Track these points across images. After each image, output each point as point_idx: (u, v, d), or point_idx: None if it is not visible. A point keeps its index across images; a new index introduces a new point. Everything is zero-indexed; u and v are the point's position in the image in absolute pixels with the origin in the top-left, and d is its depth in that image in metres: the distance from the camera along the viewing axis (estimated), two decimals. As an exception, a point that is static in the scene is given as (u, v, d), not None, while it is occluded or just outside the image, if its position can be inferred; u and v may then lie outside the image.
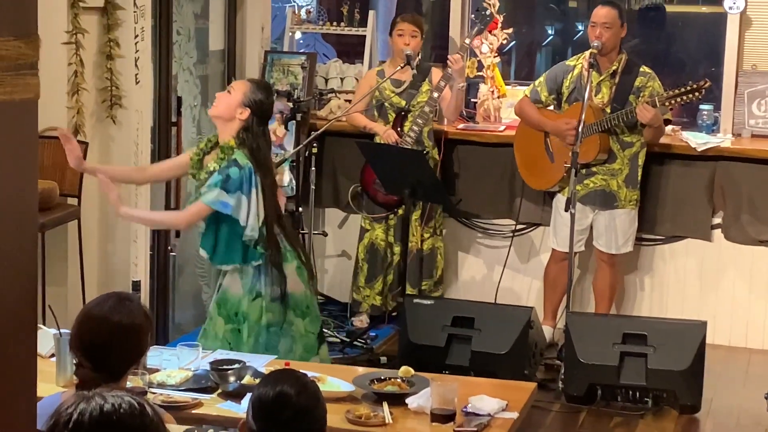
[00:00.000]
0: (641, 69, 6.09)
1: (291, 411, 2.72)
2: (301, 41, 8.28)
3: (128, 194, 5.79)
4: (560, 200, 6.21)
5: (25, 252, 1.98)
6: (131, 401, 1.99)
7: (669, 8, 9.75)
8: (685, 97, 5.87)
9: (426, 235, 6.54)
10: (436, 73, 6.45)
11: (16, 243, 1.94)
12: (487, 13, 6.46)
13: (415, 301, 5.76)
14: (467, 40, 6.50)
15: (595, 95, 6.03)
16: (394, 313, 6.50)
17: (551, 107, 6.29)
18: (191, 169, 4.76)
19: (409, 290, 6.43)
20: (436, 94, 6.32)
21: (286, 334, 4.69)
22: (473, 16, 6.61)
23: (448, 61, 6.27)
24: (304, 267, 4.77)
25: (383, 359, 6.03)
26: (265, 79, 6.41)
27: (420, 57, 6.53)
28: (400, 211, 6.38)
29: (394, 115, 6.44)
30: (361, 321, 6.64)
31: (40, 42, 1.79)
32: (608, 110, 6.02)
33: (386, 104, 6.46)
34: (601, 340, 5.37)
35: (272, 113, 4.93)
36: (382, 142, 6.40)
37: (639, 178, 6.18)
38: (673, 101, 5.91)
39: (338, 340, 6.36)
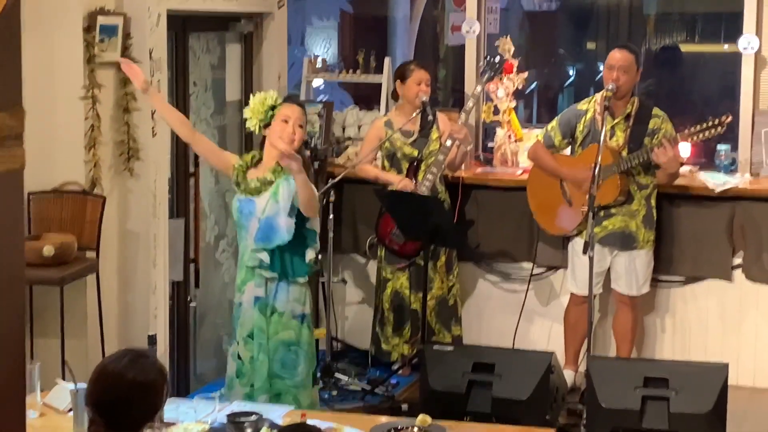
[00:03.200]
0: (653, 111, 6.09)
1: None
2: (321, 88, 8.32)
3: (148, 244, 5.82)
4: (578, 243, 6.19)
5: (13, 318, 1.97)
6: None
7: (684, 48, 9.77)
8: (707, 132, 5.86)
9: (452, 280, 6.54)
10: (442, 120, 6.46)
11: (3, 310, 1.93)
12: (497, 59, 6.44)
13: (435, 347, 5.73)
14: (478, 89, 6.49)
15: (610, 139, 6.02)
16: (412, 361, 6.50)
17: (565, 152, 6.28)
18: (236, 177, 4.90)
19: (446, 337, 6.42)
20: (449, 143, 6.30)
21: (303, 354, 4.87)
22: (482, 63, 6.59)
23: (451, 133, 6.27)
24: None
25: (404, 407, 6.00)
26: (295, 93, 6.44)
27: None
28: (419, 261, 6.36)
29: (407, 164, 6.43)
30: (404, 371, 6.58)
31: (24, 113, 1.80)
32: (624, 153, 6.01)
33: (398, 154, 6.46)
34: (623, 384, 5.33)
35: None
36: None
37: (655, 218, 6.16)
38: (695, 137, 5.90)
39: (359, 389, 6.34)
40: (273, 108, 4.84)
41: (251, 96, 4.94)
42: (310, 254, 4.86)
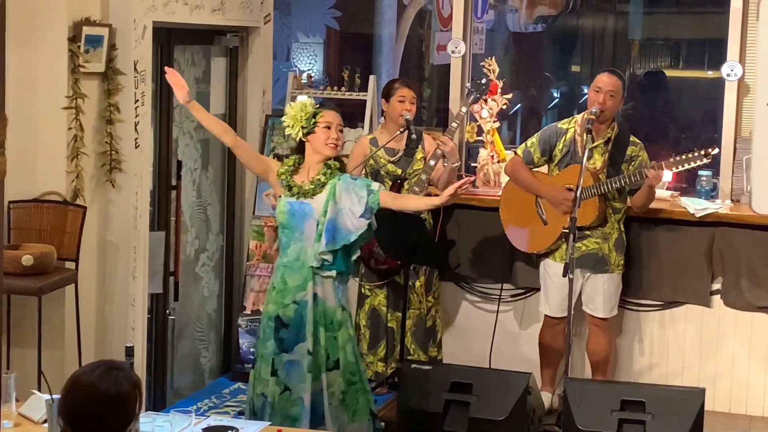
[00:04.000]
0: (631, 139, 6.12)
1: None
2: (304, 104, 8.31)
3: (128, 256, 5.80)
4: (549, 265, 6.20)
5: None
6: None
7: (670, 73, 9.82)
8: (692, 163, 5.89)
9: (431, 301, 6.54)
10: (428, 141, 6.46)
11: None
12: (483, 81, 6.45)
13: (414, 366, 5.74)
14: (463, 109, 6.49)
15: (587, 161, 6.03)
16: (390, 379, 6.49)
17: (542, 169, 6.29)
18: (284, 182, 5.12)
19: (421, 357, 6.42)
20: (432, 162, 6.30)
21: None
22: (469, 85, 6.61)
23: (438, 143, 6.28)
24: None
25: (381, 425, 5.98)
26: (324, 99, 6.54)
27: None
28: (399, 279, 6.36)
29: (390, 183, 6.44)
30: (382, 389, 6.58)
31: (7, 122, 1.79)
32: (602, 176, 6.03)
33: (382, 172, 6.46)
34: (600, 406, 5.34)
35: None
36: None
37: (625, 242, 6.18)
38: (680, 166, 5.92)
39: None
40: (315, 115, 5.11)
41: (289, 105, 5.20)
42: (356, 249, 5.14)
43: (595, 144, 6.05)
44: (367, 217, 5.04)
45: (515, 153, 6.34)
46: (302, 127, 5.11)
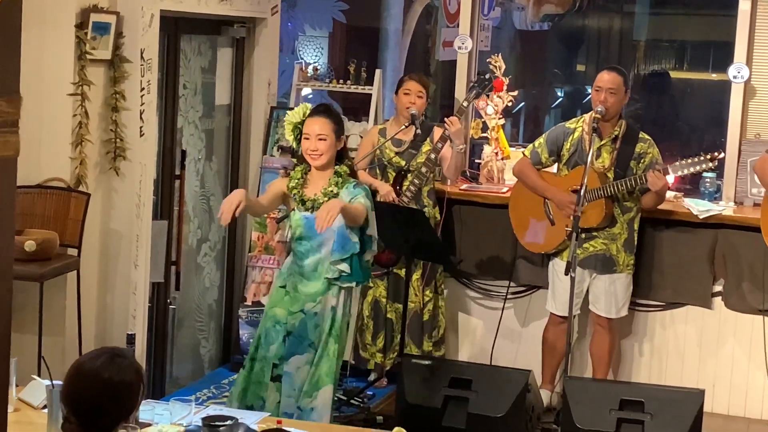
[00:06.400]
0: (640, 135, 6.11)
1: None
2: (309, 97, 8.32)
3: (130, 244, 5.80)
4: (557, 264, 6.21)
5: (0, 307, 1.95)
6: None
7: (674, 74, 9.82)
8: (698, 167, 5.87)
9: (429, 295, 6.54)
10: (438, 133, 6.46)
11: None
12: (487, 77, 6.46)
13: (413, 361, 5.73)
14: (465, 104, 6.50)
15: (596, 160, 6.04)
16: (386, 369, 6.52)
17: (550, 168, 6.29)
18: (297, 197, 5.05)
19: (413, 350, 6.42)
20: (433, 156, 6.32)
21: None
22: (473, 80, 6.61)
23: (445, 123, 6.28)
24: None
25: (380, 419, 5.99)
26: (322, 103, 6.49)
27: (423, 117, 6.55)
28: (401, 272, 6.36)
29: (393, 174, 6.45)
30: (381, 383, 6.58)
31: (21, 101, 1.78)
32: (610, 175, 6.03)
33: (386, 163, 6.46)
34: (599, 405, 5.33)
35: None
36: (382, 200, 6.40)
37: (636, 243, 6.18)
38: (684, 170, 5.90)
39: (335, 399, 6.32)
40: (302, 123, 5.07)
41: (287, 113, 5.16)
42: (368, 255, 5.10)
43: (602, 142, 6.05)
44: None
45: (523, 154, 6.34)
46: (293, 139, 5.11)
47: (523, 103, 9.91)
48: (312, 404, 4.95)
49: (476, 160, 7.19)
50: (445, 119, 6.29)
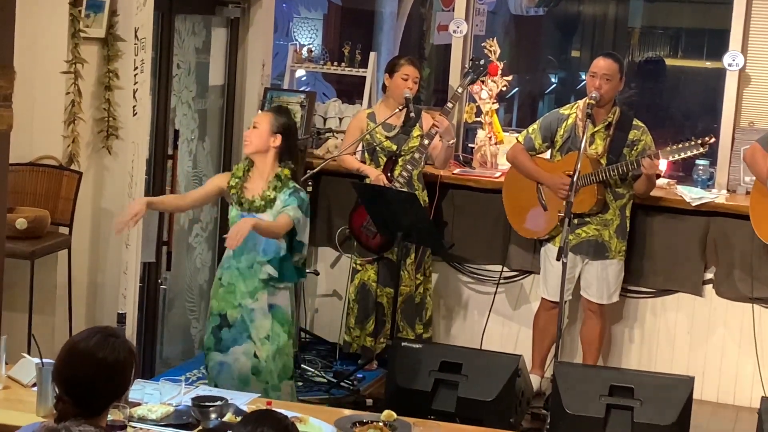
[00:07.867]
0: (634, 122, 6.10)
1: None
2: (303, 79, 8.30)
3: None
4: (550, 249, 6.21)
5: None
6: None
7: (669, 62, 9.82)
8: (689, 152, 5.86)
9: (419, 278, 6.54)
10: (426, 119, 6.44)
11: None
12: (482, 63, 6.45)
13: (404, 344, 5.72)
14: (459, 90, 6.49)
15: (589, 146, 6.03)
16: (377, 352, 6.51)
17: (544, 154, 6.29)
18: (235, 197, 4.99)
19: (409, 334, 6.42)
20: (426, 142, 6.32)
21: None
22: (468, 65, 6.60)
23: (433, 122, 6.27)
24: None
25: (369, 402, 6.00)
26: (280, 104, 6.45)
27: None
28: (392, 256, 6.35)
29: (385, 159, 6.43)
30: (371, 366, 6.58)
31: (15, 75, 1.78)
32: (603, 161, 6.02)
33: (377, 148, 6.45)
34: (588, 391, 5.33)
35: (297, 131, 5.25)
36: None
37: (627, 229, 6.18)
38: (676, 155, 5.90)
39: (324, 381, 6.33)
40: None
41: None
42: (296, 257, 5.02)
43: (596, 129, 6.04)
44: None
45: (517, 140, 6.33)
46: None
47: (517, 89, 9.89)
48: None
49: (470, 145, 7.18)
50: (433, 120, 6.27)
